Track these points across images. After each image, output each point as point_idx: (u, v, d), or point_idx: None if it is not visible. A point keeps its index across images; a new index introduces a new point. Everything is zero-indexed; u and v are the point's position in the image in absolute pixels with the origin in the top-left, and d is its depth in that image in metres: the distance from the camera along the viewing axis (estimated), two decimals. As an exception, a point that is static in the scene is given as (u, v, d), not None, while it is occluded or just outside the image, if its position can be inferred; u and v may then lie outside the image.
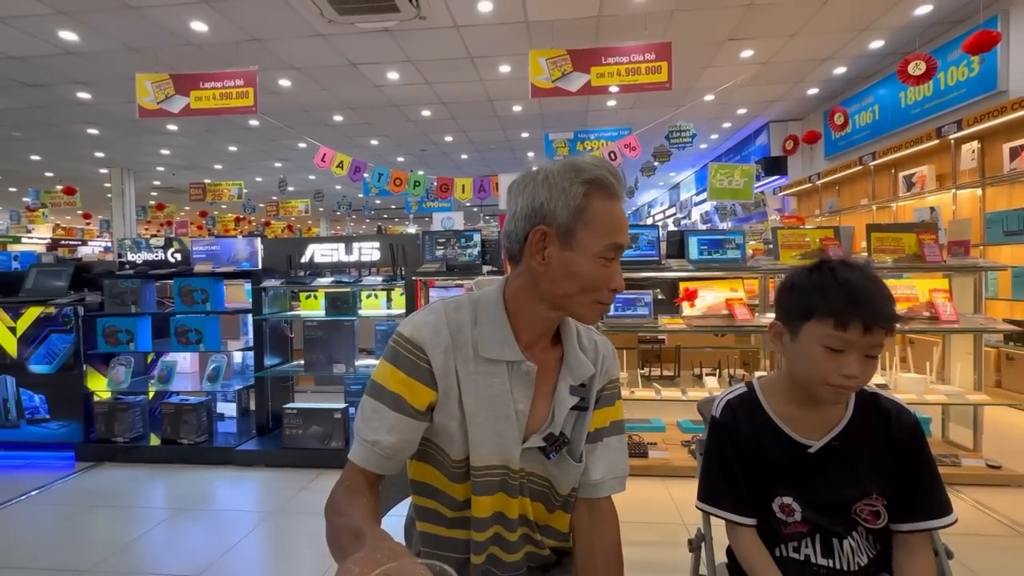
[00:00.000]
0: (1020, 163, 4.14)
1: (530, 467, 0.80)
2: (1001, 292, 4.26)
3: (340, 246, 3.23)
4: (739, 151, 10.01)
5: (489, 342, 0.77)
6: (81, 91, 6.59)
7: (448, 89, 6.79)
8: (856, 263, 0.88)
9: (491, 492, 0.78)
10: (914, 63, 4.01)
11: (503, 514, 0.80)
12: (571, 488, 0.83)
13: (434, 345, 0.76)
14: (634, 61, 4.10)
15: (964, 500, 2.38)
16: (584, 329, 0.88)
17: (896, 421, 0.91)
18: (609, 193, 0.73)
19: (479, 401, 0.76)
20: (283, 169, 11.63)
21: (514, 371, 0.78)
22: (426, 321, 0.77)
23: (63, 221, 17.87)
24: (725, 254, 2.82)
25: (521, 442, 0.77)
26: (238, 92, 4.53)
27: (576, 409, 0.81)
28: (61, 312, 3.14)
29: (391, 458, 0.75)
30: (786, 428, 0.93)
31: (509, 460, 0.77)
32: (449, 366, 0.76)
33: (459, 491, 0.80)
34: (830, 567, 0.90)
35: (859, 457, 0.90)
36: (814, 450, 0.91)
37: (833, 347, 0.84)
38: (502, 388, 0.76)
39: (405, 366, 0.75)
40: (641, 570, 1.90)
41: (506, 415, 0.76)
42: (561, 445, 0.79)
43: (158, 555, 2.08)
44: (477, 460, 0.77)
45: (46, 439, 3.15)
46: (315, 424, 2.91)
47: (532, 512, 0.82)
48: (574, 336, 0.84)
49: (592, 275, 0.73)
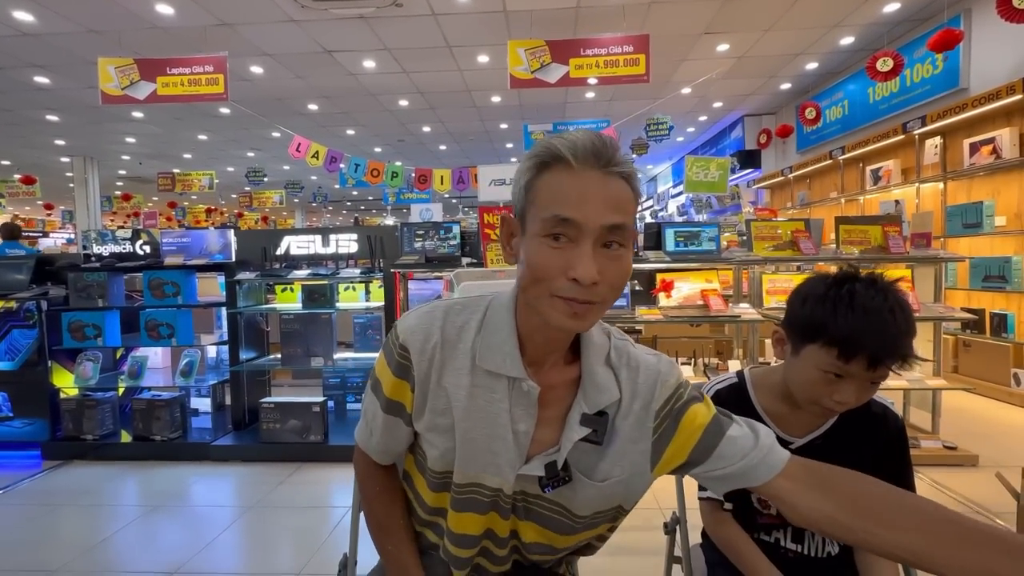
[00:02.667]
0: (979, 158, 4.32)
1: (534, 490, 0.70)
2: (960, 282, 4.46)
3: (317, 238, 3.18)
4: (715, 144, 10.18)
5: (490, 352, 0.68)
6: (39, 75, 6.29)
7: (426, 78, 6.70)
8: (882, 284, 0.79)
9: (481, 511, 0.71)
10: (882, 59, 4.13)
11: (493, 531, 0.74)
12: (595, 511, 0.72)
13: (420, 351, 0.69)
14: (612, 53, 4.12)
15: (922, 479, 2.51)
16: (624, 346, 0.73)
17: (883, 424, 0.91)
18: (559, 162, 0.60)
19: (473, 416, 0.68)
20: (256, 159, 11.33)
21: (515, 388, 0.68)
22: (419, 323, 0.71)
23: (22, 212, 17.09)
24: (701, 246, 2.88)
25: (519, 465, 0.68)
26: (207, 79, 4.38)
27: (587, 442, 0.68)
28: (23, 306, 3.02)
29: (386, 452, 0.78)
30: (772, 424, 0.93)
31: (502, 483, 0.69)
32: (433, 375, 0.69)
33: (431, 498, 0.75)
34: (798, 551, 0.94)
35: (840, 456, 0.90)
36: (795, 447, 0.91)
37: (833, 373, 0.80)
38: (500, 406, 0.68)
39: (393, 365, 0.72)
40: (620, 553, 1.96)
41: (502, 435, 0.68)
42: (561, 481, 0.68)
43: (131, 553, 2.04)
44: (462, 477, 0.70)
45: (9, 438, 3.04)
46: (293, 418, 2.88)
47: (533, 536, 0.74)
48: (598, 354, 0.71)
49: (538, 260, 0.60)
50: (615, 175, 0.60)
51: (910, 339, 0.78)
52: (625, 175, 0.61)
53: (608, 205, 0.59)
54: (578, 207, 0.58)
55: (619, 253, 0.61)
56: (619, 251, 0.61)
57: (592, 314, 0.62)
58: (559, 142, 0.60)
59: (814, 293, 0.83)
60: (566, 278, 0.59)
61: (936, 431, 2.86)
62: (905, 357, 0.78)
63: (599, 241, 0.60)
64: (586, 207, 0.58)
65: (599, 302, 0.61)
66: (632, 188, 0.62)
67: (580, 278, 0.58)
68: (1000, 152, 4.13)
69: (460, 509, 0.72)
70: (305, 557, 1.99)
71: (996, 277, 4.04)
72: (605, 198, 0.59)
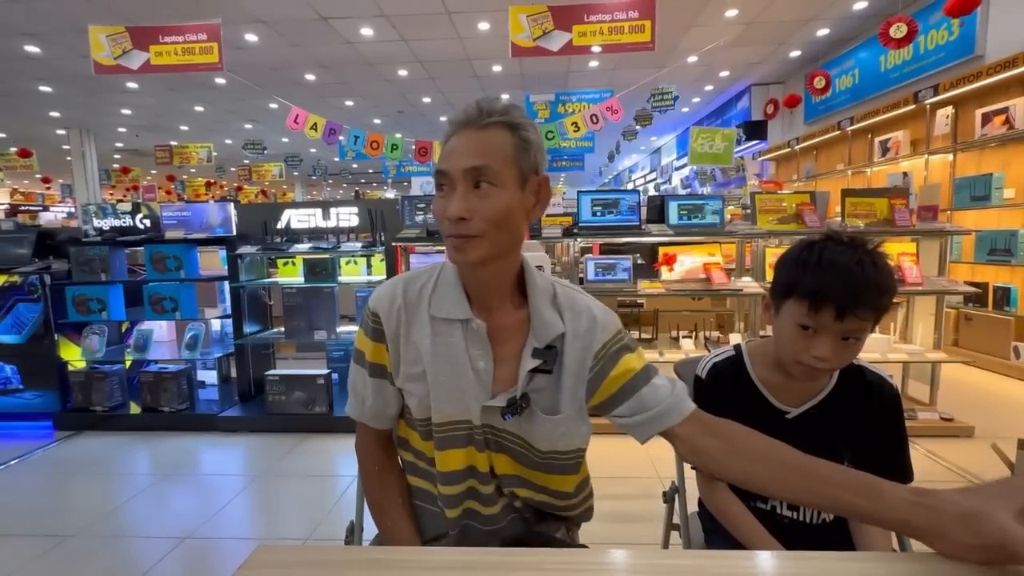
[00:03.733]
0: (991, 129, 4.23)
1: (500, 424, 0.80)
2: (964, 256, 4.43)
3: (317, 211, 3.16)
4: (720, 115, 9.97)
5: (442, 303, 0.79)
6: (29, 44, 6.14)
7: (425, 47, 6.53)
8: (858, 242, 0.83)
9: (459, 446, 0.81)
10: (896, 25, 4.00)
11: (474, 467, 0.83)
12: (553, 448, 0.81)
13: (388, 312, 0.81)
14: (617, 19, 3.99)
15: (918, 450, 2.55)
16: (568, 292, 0.83)
17: (878, 393, 0.93)
18: (451, 129, 0.73)
19: (438, 360, 0.79)
20: (255, 131, 11.17)
21: (468, 329, 0.78)
22: (384, 291, 0.83)
23: (21, 186, 16.98)
24: (704, 219, 2.85)
25: (484, 400, 0.78)
26: (201, 47, 4.27)
27: (540, 371, 0.78)
28: (27, 281, 3.03)
29: (379, 415, 0.86)
30: (767, 394, 0.96)
31: (471, 416, 0.79)
32: (402, 332, 0.80)
33: (426, 447, 0.84)
34: (794, 518, 0.96)
35: (835, 425, 0.92)
36: (791, 416, 0.94)
37: (805, 326, 0.84)
38: (459, 347, 0.78)
39: (370, 332, 0.83)
40: (620, 520, 2.01)
41: (464, 373, 0.78)
42: (520, 408, 0.78)
43: (144, 519, 2.10)
44: (439, 416, 0.80)
45: (21, 409, 3.10)
46: (298, 390, 2.92)
47: (505, 467, 0.83)
48: (544, 297, 0.81)
49: (433, 208, 0.74)
50: (492, 126, 0.71)
51: (879, 292, 0.80)
52: (506, 124, 0.72)
53: (472, 152, 0.70)
54: (447, 159, 0.72)
55: (487, 191, 0.71)
56: (488, 189, 0.71)
57: (472, 248, 0.72)
58: (449, 117, 0.74)
59: (790, 255, 0.88)
60: (445, 218, 0.71)
61: (934, 403, 2.89)
62: (877, 309, 0.81)
63: (469, 183, 0.71)
64: (452, 158, 0.71)
65: (476, 235, 0.71)
66: (517, 135, 0.72)
67: (448, 215, 0.70)
68: (1013, 122, 4.04)
69: (442, 447, 0.81)
70: (312, 524, 2.05)
71: (1002, 250, 4.01)
72: (470, 148, 0.71)
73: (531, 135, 0.74)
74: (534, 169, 0.75)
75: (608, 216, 2.87)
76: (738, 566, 0.61)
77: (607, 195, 2.90)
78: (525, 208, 0.75)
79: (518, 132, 0.73)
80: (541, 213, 0.79)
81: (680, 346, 3.05)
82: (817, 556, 0.62)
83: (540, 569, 0.61)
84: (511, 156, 0.72)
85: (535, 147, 0.74)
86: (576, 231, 2.86)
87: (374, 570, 0.61)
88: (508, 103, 0.73)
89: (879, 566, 0.60)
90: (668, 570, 0.61)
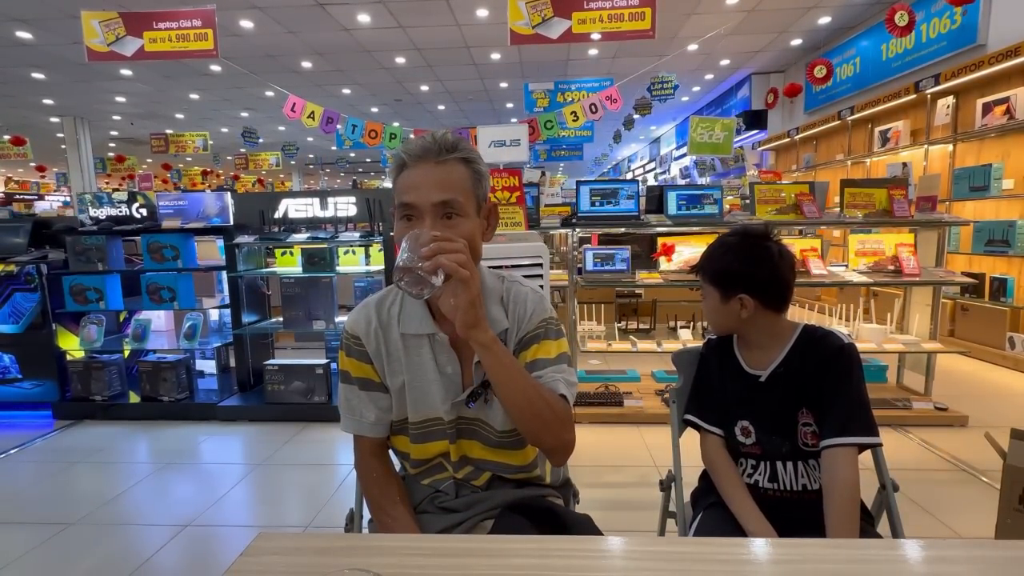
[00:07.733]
0: (991, 119, 4.21)
1: (465, 414, 0.92)
2: (962, 246, 4.44)
3: (315, 201, 3.14)
4: (720, 104, 9.91)
5: (408, 320, 0.89)
6: (21, 29, 6.06)
7: (423, 34, 6.46)
8: (750, 231, 1.08)
9: (434, 439, 0.93)
10: (900, 13, 3.97)
11: (448, 454, 0.94)
12: (508, 427, 0.90)
13: (366, 333, 0.91)
14: (617, 7, 3.94)
15: (912, 439, 2.58)
16: (515, 286, 0.93)
17: (824, 344, 1.04)
18: (404, 165, 0.81)
19: (412, 370, 0.90)
20: (251, 119, 11.07)
21: (434, 342, 0.89)
22: (359, 315, 0.93)
23: (15, 174, 16.85)
24: (703, 209, 2.85)
25: (452, 398, 0.89)
26: (196, 34, 4.21)
27: None
28: (23, 270, 3.02)
29: (379, 422, 0.94)
30: (743, 362, 1.11)
31: (441, 414, 0.90)
32: (380, 348, 0.91)
33: (401, 443, 0.97)
34: (775, 489, 1.04)
35: (797, 383, 1.04)
36: (763, 379, 1.07)
37: None
38: (427, 357, 0.89)
39: (354, 353, 0.92)
40: (617, 508, 2.04)
41: (434, 379, 0.89)
42: (477, 396, 0.90)
43: (146, 507, 2.12)
44: (416, 415, 0.92)
45: (20, 398, 3.11)
46: (297, 380, 2.93)
47: (475, 452, 0.94)
48: (493, 298, 0.90)
49: (396, 235, 0.81)
50: (450, 161, 0.80)
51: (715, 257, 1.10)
52: (462, 159, 0.81)
53: (438, 187, 0.78)
54: (413, 192, 0.79)
55: (456, 222, 0.79)
56: (456, 220, 0.79)
57: None
58: (402, 149, 0.81)
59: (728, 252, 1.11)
60: None
61: (929, 393, 2.92)
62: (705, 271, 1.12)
63: (437, 214, 0.78)
64: (419, 191, 0.78)
65: None
66: (471, 168, 0.82)
67: None
68: (1014, 112, 4.02)
69: (419, 441, 0.94)
70: (312, 511, 2.07)
71: (999, 241, 4.02)
72: (436, 182, 0.78)
73: (481, 167, 0.84)
74: (485, 197, 0.85)
75: (607, 206, 2.86)
76: (733, 553, 0.63)
77: (606, 185, 2.89)
78: (481, 231, 0.86)
79: (471, 165, 0.82)
80: (492, 235, 0.89)
81: (678, 336, 3.06)
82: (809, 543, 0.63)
83: (539, 556, 0.62)
84: (469, 188, 0.81)
85: (485, 178, 0.85)
86: (575, 221, 2.86)
87: (374, 557, 0.62)
88: (456, 136, 0.82)
89: (869, 552, 0.61)
90: (665, 557, 0.62)
